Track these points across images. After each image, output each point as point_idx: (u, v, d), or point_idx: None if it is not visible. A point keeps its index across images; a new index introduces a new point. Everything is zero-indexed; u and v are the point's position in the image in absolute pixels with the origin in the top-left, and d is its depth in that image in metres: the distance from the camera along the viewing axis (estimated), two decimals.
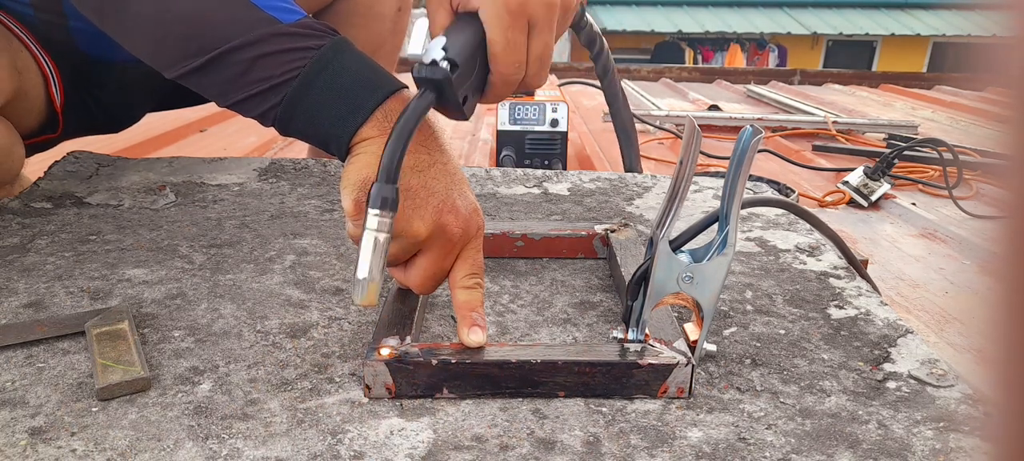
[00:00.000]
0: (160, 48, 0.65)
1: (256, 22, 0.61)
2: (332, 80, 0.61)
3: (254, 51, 0.61)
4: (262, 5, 0.62)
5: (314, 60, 0.61)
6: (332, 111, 0.61)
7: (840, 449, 0.53)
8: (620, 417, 0.56)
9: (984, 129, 2.55)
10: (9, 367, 0.61)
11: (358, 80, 0.61)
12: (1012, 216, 0.18)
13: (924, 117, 2.76)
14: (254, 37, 0.61)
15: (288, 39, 0.61)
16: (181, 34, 0.63)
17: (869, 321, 0.71)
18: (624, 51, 10.30)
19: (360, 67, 0.62)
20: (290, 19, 0.62)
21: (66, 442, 0.52)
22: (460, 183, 0.62)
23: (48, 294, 0.72)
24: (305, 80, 0.61)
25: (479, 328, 0.60)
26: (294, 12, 0.63)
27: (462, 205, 0.61)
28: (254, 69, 0.61)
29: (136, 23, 0.65)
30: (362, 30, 1.17)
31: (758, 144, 0.56)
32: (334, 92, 0.61)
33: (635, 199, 1.04)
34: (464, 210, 0.61)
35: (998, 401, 0.19)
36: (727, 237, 0.58)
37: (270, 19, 0.61)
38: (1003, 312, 0.19)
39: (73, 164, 1.07)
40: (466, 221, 0.61)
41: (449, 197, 0.61)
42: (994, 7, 0.18)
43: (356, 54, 0.63)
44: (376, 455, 0.51)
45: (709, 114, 2.53)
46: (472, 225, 0.62)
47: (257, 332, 0.67)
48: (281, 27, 0.61)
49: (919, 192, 1.74)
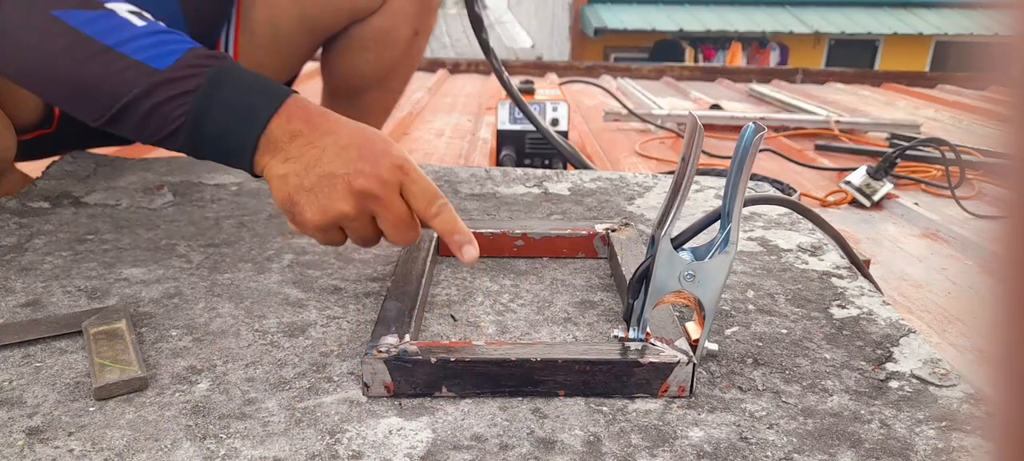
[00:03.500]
0: (75, 107, 0.69)
1: (136, 76, 0.65)
2: (216, 118, 0.65)
3: (144, 104, 0.65)
4: (139, 56, 0.65)
5: (194, 104, 0.65)
6: (227, 145, 0.66)
7: (842, 448, 0.53)
8: (621, 416, 0.56)
9: (987, 128, 2.54)
10: (6, 366, 0.60)
11: (237, 116, 0.66)
12: (1015, 216, 0.18)
13: (927, 116, 2.76)
14: (139, 91, 0.65)
15: (167, 86, 0.65)
16: (84, 96, 0.67)
17: (871, 321, 0.71)
18: (625, 49, 10.29)
19: (238, 98, 0.66)
20: (166, 63, 0.65)
21: (63, 442, 0.52)
22: (360, 146, 0.65)
23: (45, 293, 0.72)
24: (192, 124, 0.65)
25: (469, 245, 0.66)
26: (170, 53, 0.66)
27: (367, 166, 0.64)
28: (151, 119, 0.66)
29: (52, 84, 0.69)
30: (373, 54, 1.17)
31: (760, 142, 0.56)
32: (221, 129, 0.66)
33: (636, 199, 1.03)
34: (371, 168, 0.64)
35: (1000, 401, 0.19)
36: (729, 235, 0.58)
37: (148, 70, 0.65)
38: (1005, 312, 0.19)
39: (70, 164, 1.07)
40: (378, 175, 0.64)
41: (352, 166, 0.64)
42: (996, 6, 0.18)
43: (233, 82, 0.66)
44: (375, 455, 0.51)
45: (711, 113, 2.53)
46: (387, 172, 0.64)
47: (255, 331, 0.67)
48: (158, 76, 0.65)
49: (922, 192, 1.74)
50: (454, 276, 0.79)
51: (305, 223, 0.66)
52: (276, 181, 0.65)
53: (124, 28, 0.67)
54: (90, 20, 0.66)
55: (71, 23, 0.66)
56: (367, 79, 1.22)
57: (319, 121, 0.66)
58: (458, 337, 0.67)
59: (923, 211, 1.55)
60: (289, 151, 0.65)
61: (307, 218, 0.65)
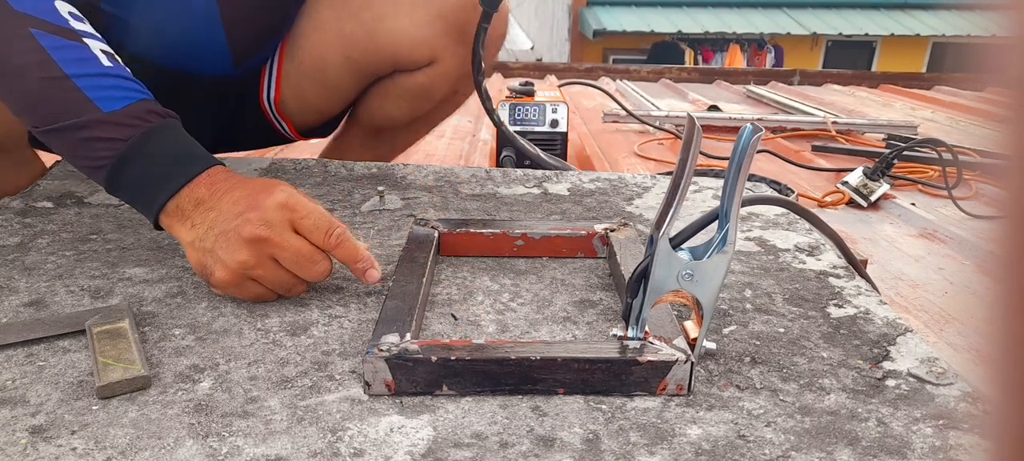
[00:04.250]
0: (18, 110, 0.74)
1: (80, 108, 0.70)
2: (134, 172, 0.70)
3: (78, 134, 0.70)
4: (91, 93, 0.70)
5: (120, 152, 0.70)
6: (139, 198, 0.72)
7: (839, 446, 0.53)
8: (620, 414, 0.56)
9: (983, 129, 2.55)
10: (10, 365, 0.61)
11: (153, 176, 0.70)
12: (1011, 216, 0.18)
13: (923, 117, 2.76)
14: (77, 122, 0.70)
15: (104, 127, 0.70)
16: (30, 106, 0.72)
17: (868, 320, 0.71)
18: (624, 51, 10.30)
19: (160, 159, 0.71)
20: (113, 107, 0.70)
21: (66, 440, 0.52)
22: (247, 197, 0.68)
23: (49, 293, 0.72)
24: (113, 169, 0.70)
25: (371, 270, 0.70)
26: (121, 99, 0.71)
27: (253, 213, 0.67)
28: (79, 149, 0.71)
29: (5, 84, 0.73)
30: (409, 105, 1.16)
31: (758, 142, 0.56)
32: (137, 182, 0.71)
33: (635, 199, 1.04)
34: (256, 214, 0.67)
35: (997, 400, 0.19)
36: (727, 235, 0.58)
37: (93, 107, 0.70)
38: (1002, 312, 0.19)
39: None
40: (263, 218, 0.67)
41: (241, 217, 0.67)
42: (993, 7, 0.18)
43: (162, 143, 0.71)
44: (376, 452, 0.52)
45: (709, 114, 2.54)
46: (272, 213, 0.67)
47: (257, 330, 0.67)
48: (99, 115, 0.70)
49: (918, 192, 1.74)
50: (455, 275, 0.79)
51: (218, 283, 0.69)
52: (187, 249, 0.70)
53: (89, 63, 0.72)
54: (61, 47, 0.71)
55: (43, 44, 0.71)
56: (396, 123, 1.21)
57: (219, 184, 0.70)
58: (459, 336, 0.67)
59: (920, 211, 1.55)
60: (194, 218, 0.69)
61: (218, 278, 0.68)
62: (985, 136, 2.32)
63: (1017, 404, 0.19)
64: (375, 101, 1.17)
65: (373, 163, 1.15)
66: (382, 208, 0.96)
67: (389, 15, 1.06)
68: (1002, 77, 0.18)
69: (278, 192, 0.68)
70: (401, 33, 1.07)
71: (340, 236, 0.68)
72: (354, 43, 1.08)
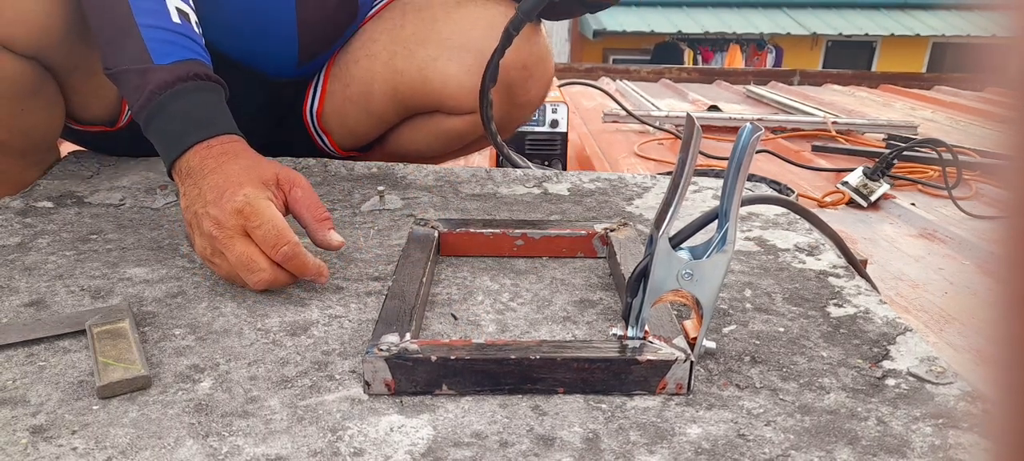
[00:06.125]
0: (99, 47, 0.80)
1: (136, 55, 0.76)
2: (159, 126, 0.75)
3: (133, 81, 0.76)
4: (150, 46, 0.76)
5: (154, 104, 0.75)
6: (161, 151, 0.76)
7: (839, 445, 0.53)
8: (619, 413, 0.56)
9: (983, 129, 2.55)
10: (10, 365, 0.61)
11: (171, 133, 0.75)
12: (1012, 216, 0.18)
13: (923, 117, 2.76)
14: (134, 69, 0.76)
15: (152, 76, 0.75)
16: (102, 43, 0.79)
17: (868, 319, 0.71)
18: (624, 52, 10.30)
19: (181, 117, 0.75)
20: (163, 61, 0.76)
21: (67, 440, 0.52)
22: (218, 190, 0.70)
23: (49, 293, 0.72)
24: (146, 116, 0.75)
25: (320, 279, 0.72)
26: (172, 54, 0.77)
27: (213, 209, 0.69)
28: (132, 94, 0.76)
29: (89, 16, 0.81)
30: (439, 143, 1.17)
31: (758, 141, 0.56)
32: (159, 137, 0.76)
33: (635, 199, 1.04)
34: (215, 211, 0.69)
35: (998, 399, 0.19)
36: (727, 234, 0.58)
37: (149, 57, 0.76)
38: (1003, 312, 0.19)
39: (74, 163, 1.07)
40: (218, 218, 0.69)
41: (203, 209, 0.70)
42: (993, 7, 0.18)
43: (187, 102, 0.75)
44: (376, 452, 0.52)
45: (709, 114, 2.54)
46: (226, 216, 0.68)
47: (257, 330, 0.67)
48: (151, 66, 0.76)
49: (918, 192, 1.74)
50: (455, 275, 0.79)
51: (195, 250, 0.74)
52: (182, 198, 0.74)
53: (158, 15, 0.77)
54: None
55: None
56: (423, 157, 1.22)
57: (208, 161, 0.72)
58: (458, 336, 0.67)
59: (920, 211, 1.56)
60: (185, 185, 0.73)
61: (195, 246, 0.73)
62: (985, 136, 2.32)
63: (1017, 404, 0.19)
64: (408, 133, 1.18)
65: (373, 163, 1.15)
66: (382, 208, 0.96)
67: (442, 57, 1.07)
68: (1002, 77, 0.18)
69: (239, 197, 0.68)
70: (451, 78, 1.07)
71: (287, 253, 0.69)
72: (404, 78, 1.09)
